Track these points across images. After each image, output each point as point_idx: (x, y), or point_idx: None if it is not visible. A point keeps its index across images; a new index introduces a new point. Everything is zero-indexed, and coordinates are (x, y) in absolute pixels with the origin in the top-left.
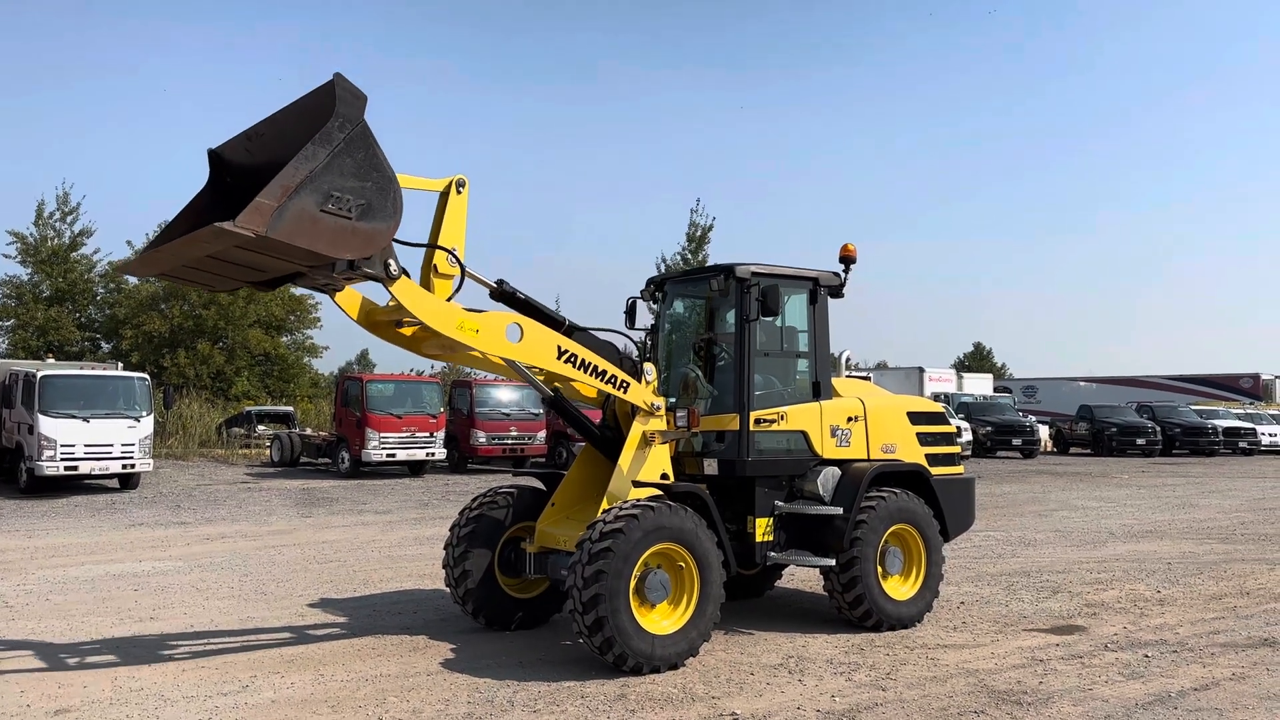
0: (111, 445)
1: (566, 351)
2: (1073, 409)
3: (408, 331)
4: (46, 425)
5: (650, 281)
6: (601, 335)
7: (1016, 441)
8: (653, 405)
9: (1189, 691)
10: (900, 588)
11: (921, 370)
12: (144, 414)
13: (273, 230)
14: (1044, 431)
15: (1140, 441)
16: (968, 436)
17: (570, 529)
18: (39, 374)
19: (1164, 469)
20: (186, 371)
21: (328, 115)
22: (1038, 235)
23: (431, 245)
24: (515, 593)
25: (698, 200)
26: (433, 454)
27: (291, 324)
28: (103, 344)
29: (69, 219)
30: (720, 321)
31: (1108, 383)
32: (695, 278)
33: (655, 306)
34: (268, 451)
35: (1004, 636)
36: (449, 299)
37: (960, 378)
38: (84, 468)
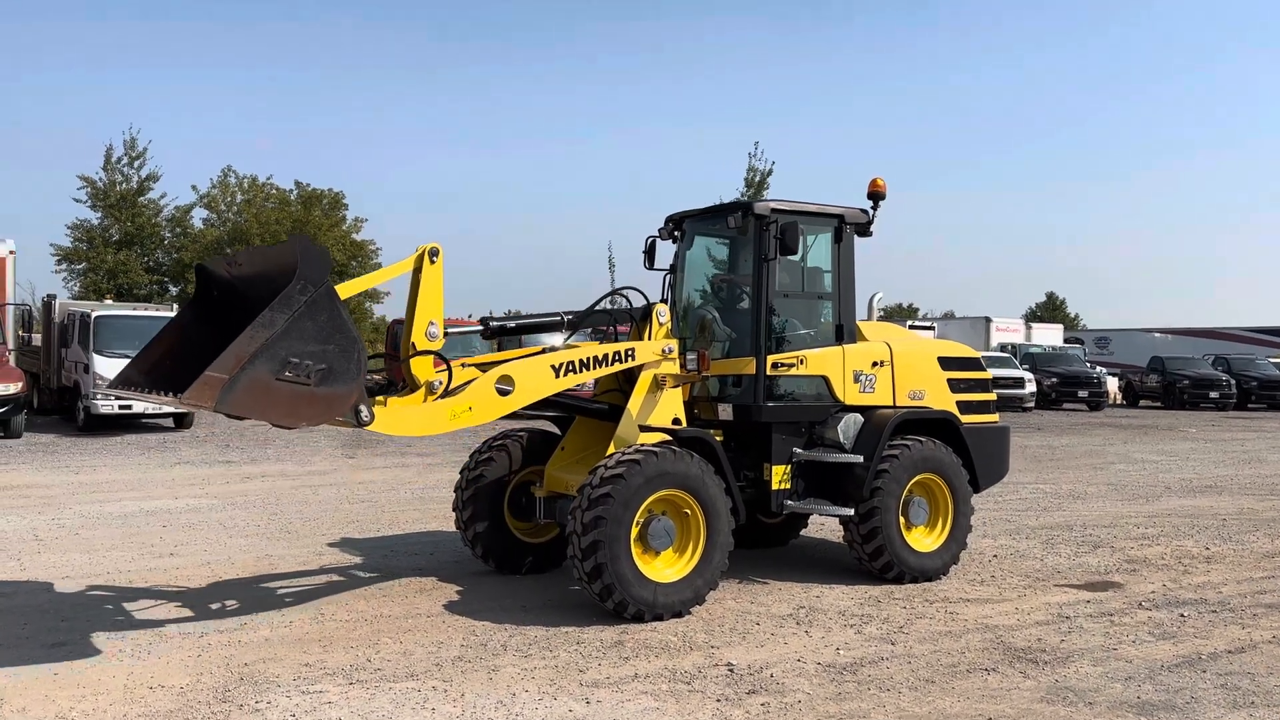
0: None
1: (562, 366)
2: (1146, 361)
3: None
4: (101, 365)
5: (669, 219)
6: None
7: (1083, 393)
8: (664, 349)
9: (1221, 654)
10: (924, 539)
11: (988, 320)
12: None
13: (222, 405)
14: (1113, 383)
15: (1213, 395)
16: (1032, 388)
17: (579, 473)
18: (93, 314)
19: (1235, 423)
20: None
21: (290, 274)
22: (1115, 183)
23: (406, 358)
24: (526, 536)
25: (756, 144)
26: None
27: (353, 270)
28: (170, 287)
29: (136, 164)
30: (741, 261)
31: (1184, 334)
32: (714, 214)
33: (675, 245)
34: None
35: (1032, 592)
36: (445, 391)
37: (1029, 328)
38: (137, 407)
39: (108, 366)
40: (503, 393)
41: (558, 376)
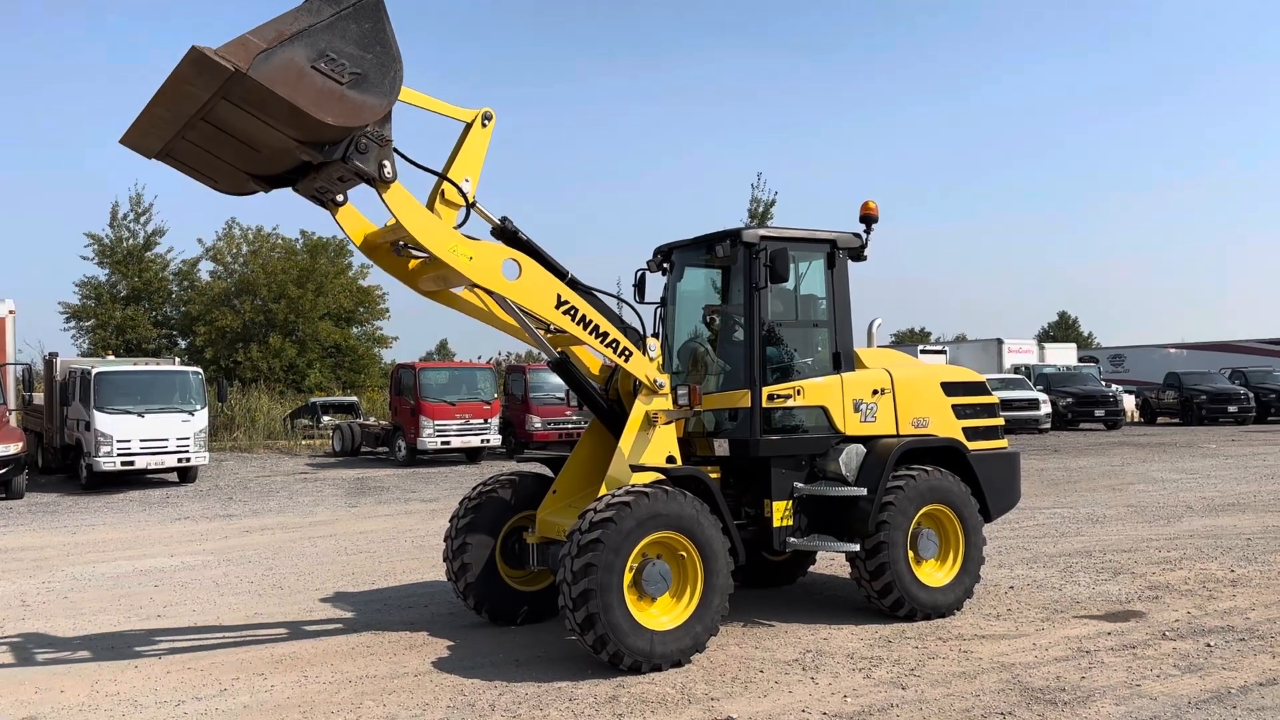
0: (167, 440)
1: (567, 302)
2: (1162, 377)
3: (413, 264)
4: (102, 421)
5: (658, 251)
6: (608, 300)
7: (1099, 413)
8: (655, 382)
9: (1252, 687)
10: (935, 573)
11: (1000, 342)
12: (198, 408)
13: (255, 70)
14: (1129, 401)
15: (1232, 409)
16: (1047, 409)
17: (571, 517)
18: (94, 371)
19: (1256, 438)
20: (259, 365)
21: None
22: (1123, 199)
23: (440, 175)
24: (520, 585)
25: (759, 175)
26: (488, 440)
27: (361, 315)
28: (179, 340)
29: (142, 219)
30: (733, 291)
31: (1200, 348)
32: (702, 244)
33: (665, 277)
34: (330, 442)
35: (1050, 625)
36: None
37: (1042, 348)
38: (140, 463)
39: (109, 423)
40: (507, 274)
41: (557, 307)
